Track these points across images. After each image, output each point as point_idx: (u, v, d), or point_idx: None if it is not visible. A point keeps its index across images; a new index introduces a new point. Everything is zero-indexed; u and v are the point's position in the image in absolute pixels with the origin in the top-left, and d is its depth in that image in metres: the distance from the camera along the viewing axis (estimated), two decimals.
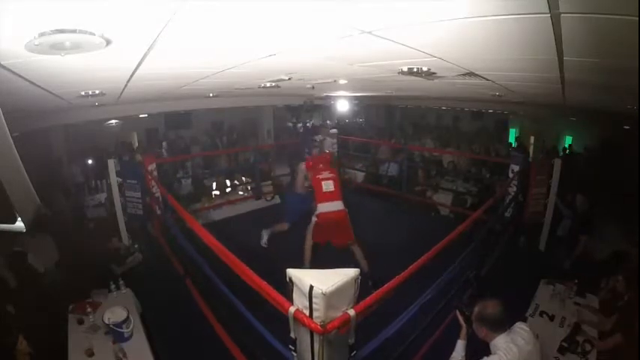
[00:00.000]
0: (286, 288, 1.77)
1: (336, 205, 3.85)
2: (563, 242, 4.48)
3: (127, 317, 2.76)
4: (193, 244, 3.25)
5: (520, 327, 1.89)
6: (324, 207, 3.85)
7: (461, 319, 2.12)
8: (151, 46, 1.43)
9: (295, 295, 1.72)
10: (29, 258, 3.62)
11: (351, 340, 1.82)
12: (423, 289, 2.54)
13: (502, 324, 1.85)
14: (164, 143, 9.38)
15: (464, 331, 2.08)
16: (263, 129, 10.66)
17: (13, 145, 0.99)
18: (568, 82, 2.51)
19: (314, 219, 3.91)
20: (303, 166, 4.37)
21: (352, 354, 1.87)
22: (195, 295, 3.55)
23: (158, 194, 4.92)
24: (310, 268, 3.60)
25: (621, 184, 6.13)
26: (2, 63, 1.44)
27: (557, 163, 4.70)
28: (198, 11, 1.04)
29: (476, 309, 1.93)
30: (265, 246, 4.54)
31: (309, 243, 3.94)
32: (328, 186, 3.91)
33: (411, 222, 5.79)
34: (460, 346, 2.06)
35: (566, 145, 9.39)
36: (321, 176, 3.96)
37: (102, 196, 6.73)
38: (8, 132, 0.96)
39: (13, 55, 1.33)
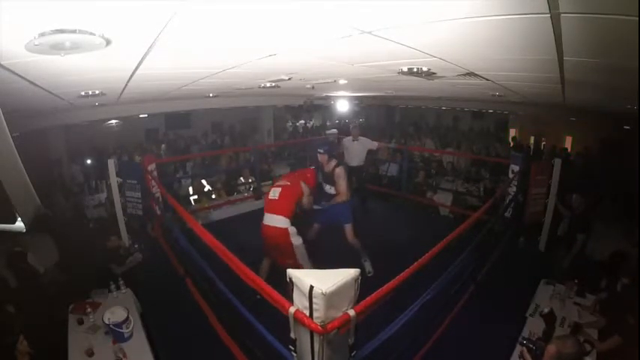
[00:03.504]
0: (286, 288, 1.77)
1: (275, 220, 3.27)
2: (562, 242, 4.48)
3: (127, 317, 2.76)
4: (193, 244, 3.25)
5: None
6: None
7: (528, 357, 1.95)
8: (150, 46, 1.43)
9: (295, 295, 1.72)
10: (29, 258, 3.62)
11: (351, 340, 1.82)
12: (423, 289, 2.54)
13: None
14: (163, 146, 9.36)
15: None
16: (263, 129, 10.66)
17: (13, 145, 0.99)
18: (568, 82, 2.51)
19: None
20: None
21: (352, 354, 1.86)
22: (195, 295, 3.56)
23: (158, 194, 4.92)
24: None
25: (620, 184, 6.13)
26: (2, 63, 1.44)
27: (557, 163, 4.70)
28: (198, 11, 1.04)
29: (551, 347, 1.73)
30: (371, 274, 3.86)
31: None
32: (274, 193, 3.40)
33: (411, 222, 5.79)
34: None
35: (566, 146, 9.39)
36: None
37: (102, 196, 6.73)
38: (8, 132, 0.96)
39: (13, 55, 1.33)
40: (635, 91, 2.24)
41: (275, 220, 3.25)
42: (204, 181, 6.45)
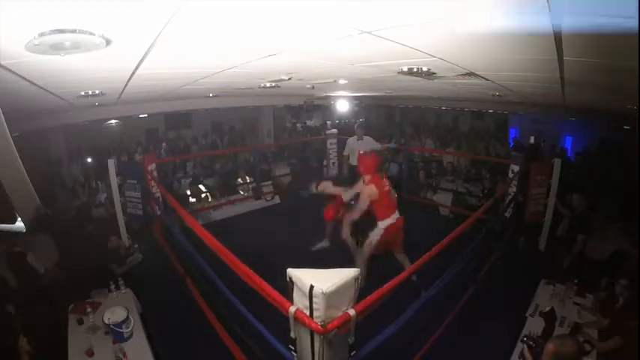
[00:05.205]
0: (286, 288, 1.77)
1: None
2: (562, 242, 4.48)
3: (127, 317, 2.76)
4: (193, 244, 3.25)
5: None
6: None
7: (528, 355, 1.97)
8: (151, 46, 1.43)
9: (295, 295, 1.72)
10: (29, 258, 3.62)
11: (351, 340, 1.82)
12: (423, 288, 2.54)
13: None
14: (163, 144, 9.35)
15: None
16: (263, 129, 10.66)
17: (13, 145, 0.99)
18: (568, 82, 2.51)
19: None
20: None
21: (352, 354, 1.87)
22: (195, 295, 3.55)
23: (158, 194, 4.91)
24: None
25: (620, 184, 6.12)
26: (2, 63, 1.44)
27: (557, 163, 4.70)
28: (199, 11, 1.04)
29: (550, 346, 1.74)
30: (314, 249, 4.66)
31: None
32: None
33: (411, 222, 5.77)
34: None
35: (566, 146, 9.38)
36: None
37: (102, 196, 6.72)
38: (8, 132, 0.96)
39: (13, 55, 1.33)
40: (635, 91, 2.24)
41: (397, 214, 3.86)
42: (202, 187, 6.46)
